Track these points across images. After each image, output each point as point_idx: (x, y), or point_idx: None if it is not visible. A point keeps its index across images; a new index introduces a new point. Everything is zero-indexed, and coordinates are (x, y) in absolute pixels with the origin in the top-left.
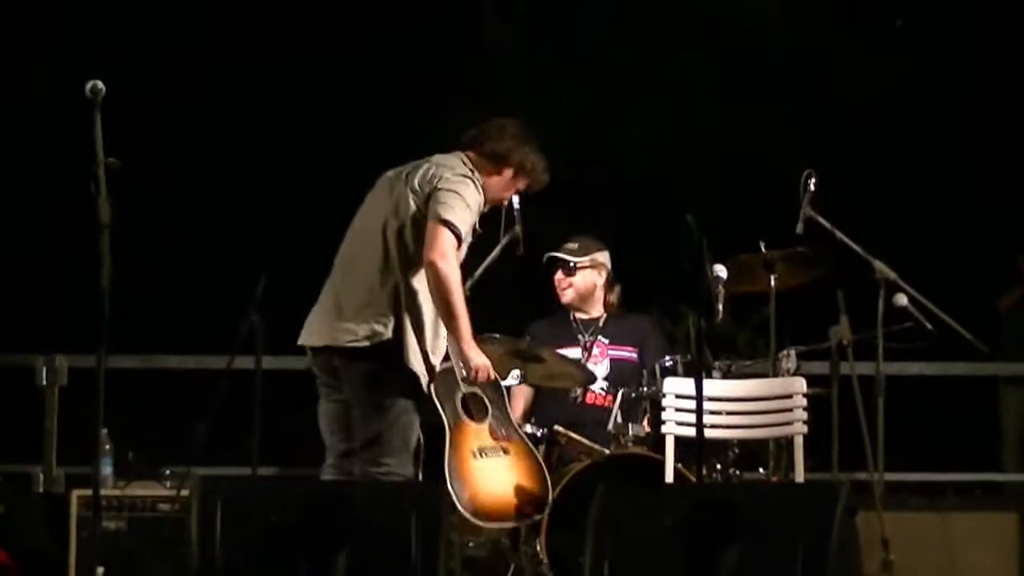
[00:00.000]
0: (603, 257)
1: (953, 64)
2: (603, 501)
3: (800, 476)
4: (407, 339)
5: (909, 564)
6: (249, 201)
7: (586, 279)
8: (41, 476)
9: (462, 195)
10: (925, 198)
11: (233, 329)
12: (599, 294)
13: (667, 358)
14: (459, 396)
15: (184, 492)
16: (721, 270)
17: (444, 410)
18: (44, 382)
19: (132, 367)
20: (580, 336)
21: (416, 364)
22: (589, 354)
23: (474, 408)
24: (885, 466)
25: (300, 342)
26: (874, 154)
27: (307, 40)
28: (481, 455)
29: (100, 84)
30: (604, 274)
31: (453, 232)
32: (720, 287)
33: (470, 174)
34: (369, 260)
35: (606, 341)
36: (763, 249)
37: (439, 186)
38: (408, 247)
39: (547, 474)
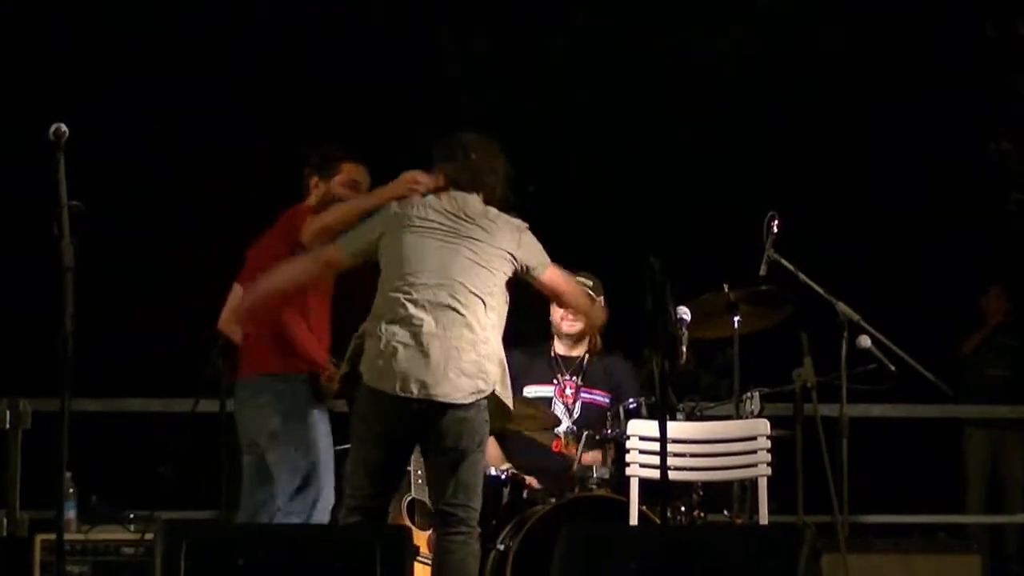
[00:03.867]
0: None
1: (916, 109)
2: (567, 543)
3: (764, 518)
4: None
5: None
6: (213, 243)
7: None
8: (4, 520)
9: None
10: (887, 240)
11: (197, 372)
12: (597, 339)
13: (631, 400)
14: (407, 499)
15: (148, 536)
16: (684, 312)
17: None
18: (7, 425)
19: (96, 410)
20: (557, 375)
21: None
22: (562, 394)
23: (419, 515)
24: (849, 508)
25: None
26: (836, 195)
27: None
28: None
29: (63, 127)
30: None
31: None
32: (684, 329)
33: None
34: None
35: (581, 383)
36: (726, 290)
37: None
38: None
39: None
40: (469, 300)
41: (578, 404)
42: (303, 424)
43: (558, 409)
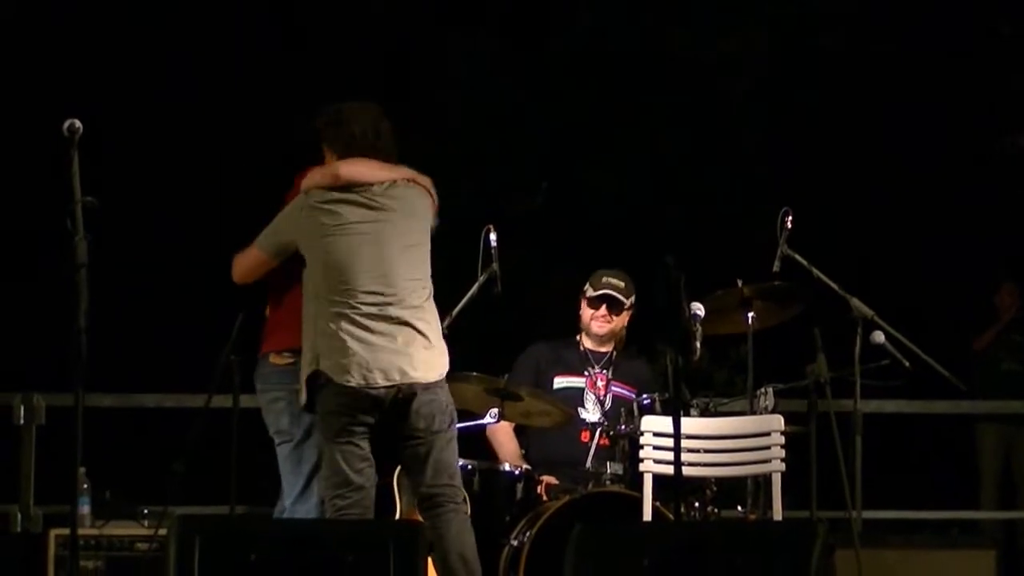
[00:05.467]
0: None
1: (934, 99)
2: (581, 539)
3: (778, 514)
4: None
5: None
6: (228, 239)
7: (623, 320)
8: (19, 515)
9: None
10: (901, 235)
11: (211, 368)
12: (623, 334)
13: (645, 396)
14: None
15: (162, 531)
16: (699, 308)
17: (400, 501)
18: (22, 421)
19: (110, 406)
20: (589, 367)
21: None
22: (593, 386)
23: (403, 493)
24: (863, 504)
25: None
26: (849, 191)
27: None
28: None
29: (77, 123)
30: (630, 313)
31: None
32: (698, 325)
33: None
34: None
35: (610, 376)
36: (740, 285)
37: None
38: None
39: None
40: (413, 297)
41: (609, 396)
42: None
43: (589, 400)
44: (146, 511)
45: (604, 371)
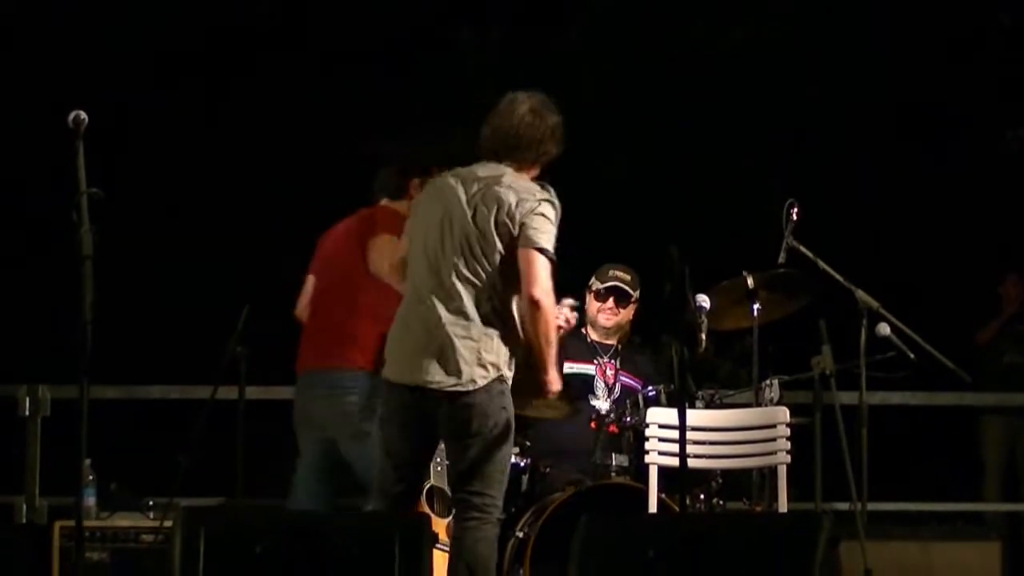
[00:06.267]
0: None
1: (937, 92)
2: (586, 531)
3: (783, 506)
4: None
5: None
6: (233, 231)
7: (629, 313)
8: (24, 507)
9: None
10: (906, 227)
11: (216, 359)
12: (627, 328)
13: (650, 388)
14: (426, 485)
15: (167, 523)
16: (704, 300)
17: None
18: (27, 413)
19: (115, 397)
20: (598, 356)
21: None
22: (603, 374)
23: (438, 503)
24: (868, 496)
25: None
26: (855, 182)
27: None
28: None
29: (83, 114)
30: (636, 306)
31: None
32: (703, 317)
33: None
34: None
35: (619, 366)
36: (745, 275)
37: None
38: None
39: None
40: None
41: (618, 385)
42: None
43: (599, 387)
44: (151, 503)
45: (613, 361)
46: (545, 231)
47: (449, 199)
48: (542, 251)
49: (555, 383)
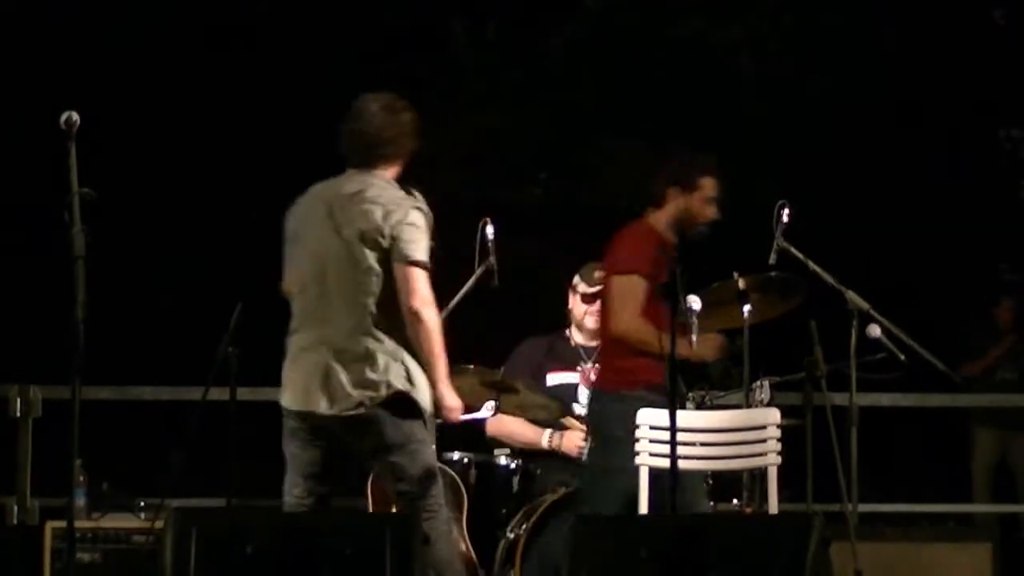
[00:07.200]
0: None
1: (928, 97)
2: (577, 531)
3: (774, 507)
4: None
5: None
6: (225, 231)
7: None
8: (15, 507)
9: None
10: (897, 228)
11: (208, 360)
12: None
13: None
14: None
15: (159, 524)
16: (695, 301)
17: None
18: (18, 413)
19: (107, 398)
20: (580, 362)
21: None
22: (587, 380)
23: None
24: (859, 497)
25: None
26: (846, 184)
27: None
28: None
29: (75, 115)
30: None
31: (426, 270)
32: (694, 318)
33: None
34: None
35: None
36: (736, 277)
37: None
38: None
39: None
40: None
41: None
42: None
43: (583, 394)
44: (143, 503)
45: (596, 365)
46: (416, 241)
47: (317, 219)
48: (416, 264)
49: (447, 398)
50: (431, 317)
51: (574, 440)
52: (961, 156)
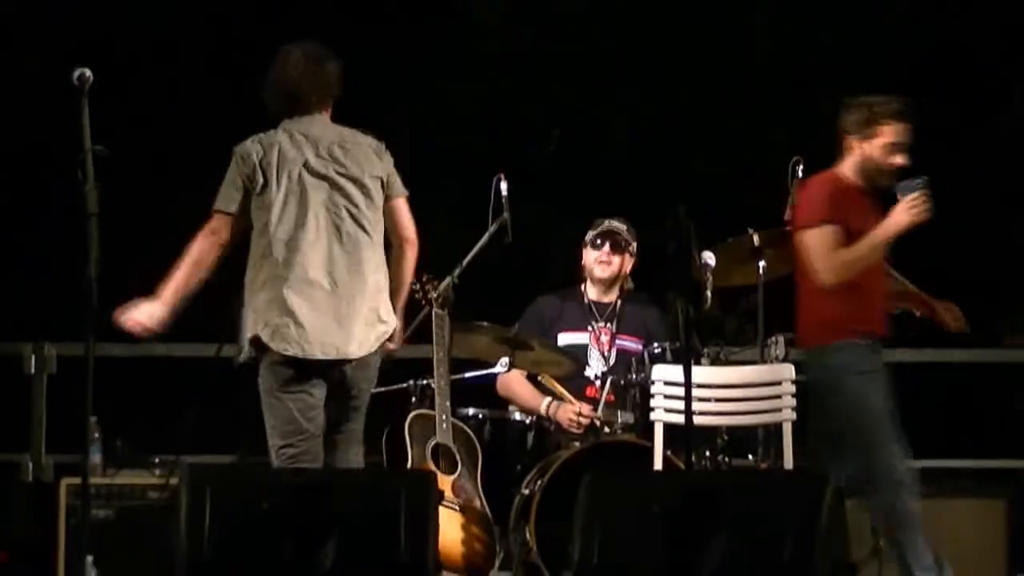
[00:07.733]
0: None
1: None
2: (592, 488)
3: (789, 463)
4: None
5: None
6: None
7: (625, 262)
8: (30, 464)
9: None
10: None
11: (222, 317)
12: (626, 283)
13: (656, 345)
14: (432, 443)
15: (173, 480)
16: (709, 257)
17: (412, 450)
18: (32, 370)
19: (121, 355)
20: (592, 322)
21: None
22: (597, 341)
23: (443, 460)
24: None
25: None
26: None
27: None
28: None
29: (88, 72)
30: (632, 261)
31: None
32: (708, 274)
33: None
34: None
35: (615, 330)
36: (750, 233)
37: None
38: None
39: (495, 547)
40: None
41: (613, 351)
42: None
43: (593, 356)
44: (157, 460)
45: (608, 324)
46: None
47: (313, 164)
48: (406, 196)
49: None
50: None
51: (568, 412)
52: (977, 115)
